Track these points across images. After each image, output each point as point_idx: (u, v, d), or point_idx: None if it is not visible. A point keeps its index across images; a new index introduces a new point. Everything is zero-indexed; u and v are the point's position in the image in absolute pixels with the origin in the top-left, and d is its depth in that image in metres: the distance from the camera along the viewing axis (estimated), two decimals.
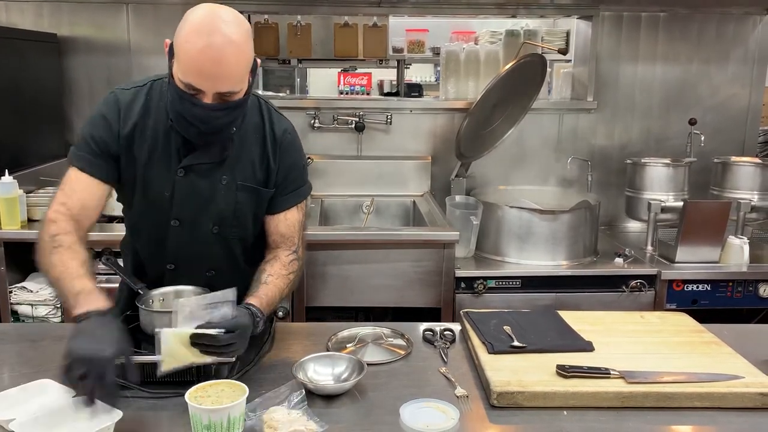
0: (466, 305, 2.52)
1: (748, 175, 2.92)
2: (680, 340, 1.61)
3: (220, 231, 1.59)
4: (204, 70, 1.33)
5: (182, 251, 1.60)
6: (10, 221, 2.51)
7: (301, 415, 1.25)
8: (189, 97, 1.37)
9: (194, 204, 1.55)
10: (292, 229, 1.63)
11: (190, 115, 1.39)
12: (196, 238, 1.58)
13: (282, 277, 1.56)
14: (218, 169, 1.54)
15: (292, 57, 3.62)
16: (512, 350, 1.51)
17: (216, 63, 1.32)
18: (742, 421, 1.31)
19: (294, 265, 1.60)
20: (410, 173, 3.28)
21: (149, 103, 1.53)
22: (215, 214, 1.57)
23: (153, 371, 1.38)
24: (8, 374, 1.47)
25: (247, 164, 1.56)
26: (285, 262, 1.59)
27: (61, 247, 1.42)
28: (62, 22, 3.15)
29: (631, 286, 2.61)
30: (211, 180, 1.54)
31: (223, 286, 1.42)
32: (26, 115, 2.89)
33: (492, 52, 3.33)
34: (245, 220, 1.60)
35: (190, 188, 1.53)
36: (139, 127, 1.51)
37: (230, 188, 1.55)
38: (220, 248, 1.62)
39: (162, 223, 1.57)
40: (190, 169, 1.52)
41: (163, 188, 1.53)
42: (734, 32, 3.25)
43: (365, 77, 3.65)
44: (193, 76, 1.34)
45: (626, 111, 3.30)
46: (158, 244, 1.60)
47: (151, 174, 1.53)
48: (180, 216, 1.56)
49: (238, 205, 1.57)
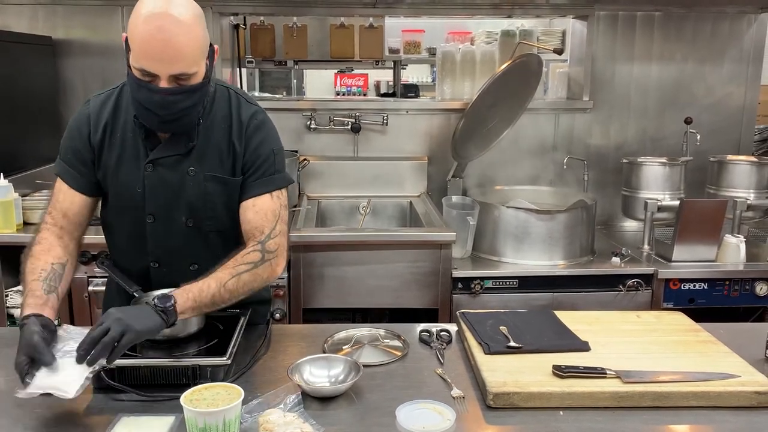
0: (464, 306, 2.52)
1: (744, 174, 2.93)
2: (676, 340, 1.61)
3: (194, 224, 1.58)
4: (155, 53, 1.36)
5: (161, 247, 1.60)
6: (6, 225, 2.50)
7: (297, 418, 1.25)
8: (145, 83, 1.39)
9: (164, 197, 1.55)
10: (262, 217, 1.55)
11: (148, 101, 1.41)
12: (172, 232, 1.58)
13: (227, 268, 1.47)
14: (185, 160, 1.54)
15: (288, 58, 3.62)
16: (508, 351, 1.51)
17: (166, 45, 1.35)
18: (738, 420, 1.31)
19: (253, 256, 1.49)
20: (407, 174, 3.28)
21: (119, 104, 1.56)
22: (186, 206, 1.56)
23: (148, 374, 1.38)
24: (4, 378, 1.47)
25: (214, 154, 1.55)
26: (241, 254, 1.50)
27: (29, 257, 1.50)
28: (57, 24, 3.15)
29: (628, 286, 2.61)
30: (179, 172, 1.54)
31: None
32: (21, 118, 2.88)
33: (488, 52, 3.33)
34: (217, 211, 1.58)
35: (159, 182, 1.54)
36: (109, 128, 1.55)
37: (198, 179, 1.55)
38: (198, 241, 1.60)
39: (138, 220, 1.58)
40: (157, 162, 1.53)
41: (135, 184, 1.55)
42: (729, 31, 3.25)
43: (362, 78, 3.64)
44: (146, 60, 1.37)
45: (622, 110, 3.31)
46: (138, 242, 1.60)
47: (122, 171, 1.55)
48: (153, 211, 1.56)
49: (208, 196, 1.56)
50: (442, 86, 3.35)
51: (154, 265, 1.62)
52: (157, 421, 1.27)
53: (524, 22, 3.55)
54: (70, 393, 1.22)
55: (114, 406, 1.33)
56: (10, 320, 2.56)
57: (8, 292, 2.55)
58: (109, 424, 1.25)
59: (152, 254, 1.61)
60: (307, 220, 2.80)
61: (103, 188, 1.60)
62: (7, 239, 2.51)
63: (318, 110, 3.26)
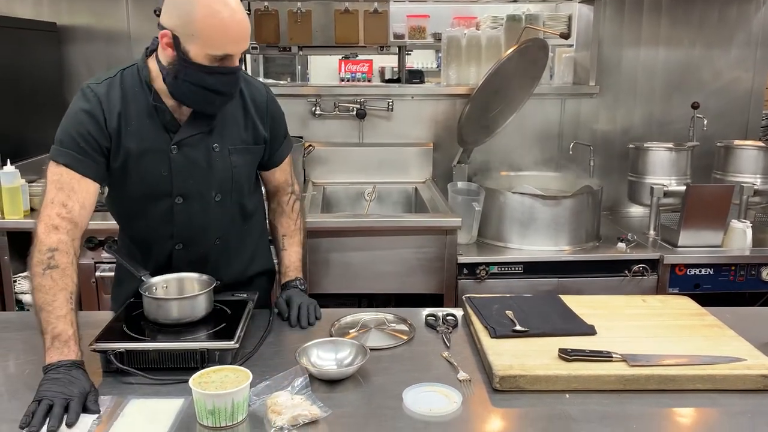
0: (469, 291, 2.52)
1: (750, 159, 2.91)
2: (682, 324, 1.61)
3: (222, 198, 1.65)
4: (235, 35, 1.43)
5: (189, 227, 1.64)
6: (13, 211, 2.52)
7: (305, 400, 1.26)
8: (217, 68, 1.45)
9: (193, 177, 1.59)
10: (285, 171, 1.83)
11: (222, 84, 1.48)
12: (201, 210, 1.63)
13: (294, 232, 1.84)
14: (207, 138, 1.59)
15: (292, 44, 3.59)
16: (514, 334, 1.52)
17: (239, 24, 1.43)
18: (744, 403, 1.31)
19: (297, 206, 1.86)
20: (412, 160, 3.27)
21: (125, 91, 1.54)
22: (216, 182, 1.63)
23: (157, 358, 1.39)
24: (14, 362, 1.49)
25: (233, 128, 1.63)
26: (289, 211, 1.84)
27: (56, 269, 1.38)
28: (62, 10, 3.14)
29: (633, 271, 2.61)
30: (203, 150, 1.59)
31: (228, 252, 1.72)
32: (27, 105, 2.89)
33: (493, 37, 3.31)
34: (242, 182, 1.69)
35: (186, 162, 1.57)
36: (123, 115, 1.53)
37: (223, 154, 1.61)
38: (223, 216, 1.68)
39: (164, 203, 1.60)
40: (182, 143, 1.56)
41: (160, 168, 1.56)
42: (737, 15, 3.22)
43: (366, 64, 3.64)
44: (229, 45, 1.43)
45: (629, 95, 3.29)
46: (163, 227, 1.63)
47: (145, 157, 1.55)
48: (183, 191, 1.60)
49: (235, 168, 1.64)
50: (448, 72, 3.34)
51: (178, 247, 1.66)
52: (166, 403, 1.28)
53: (530, 7, 3.52)
54: None
55: (123, 389, 1.34)
56: (19, 305, 2.57)
57: (16, 278, 2.56)
58: (119, 406, 1.27)
59: (178, 236, 1.65)
60: (312, 206, 2.80)
61: (115, 178, 1.58)
62: (14, 225, 2.52)
63: (323, 96, 3.26)
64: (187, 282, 1.60)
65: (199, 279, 1.60)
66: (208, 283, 1.57)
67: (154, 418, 1.23)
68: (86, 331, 1.48)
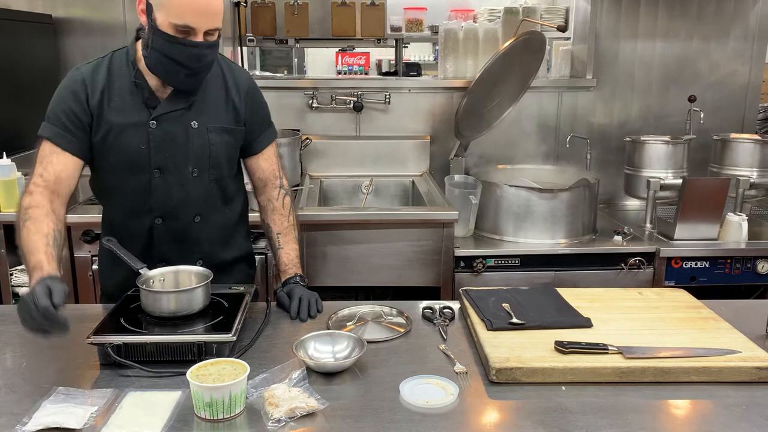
0: (466, 284, 2.53)
1: (747, 152, 2.92)
2: (678, 316, 1.62)
3: (199, 174, 1.70)
4: (198, 8, 1.49)
5: (167, 201, 1.69)
6: (9, 204, 2.51)
7: (302, 392, 1.26)
8: (180, 39, 1.51)
9: (170, 151, 1.66)
10: (271, 163, 1.84)
11: (182, 55, 1.53)
12: (178, 184, 1.69)
13: (288, 229, 1.85)
14: (186, 114, 1.65)
15: (289, 37, 3.59)
16: (511, 327, 1.52)
17: (206, 1, 1.49)
18: (738, 395, 1.32)
19: (287, 201, 1.86)
20: (409, 153, 3.27)
21: (112, 70, 1.64)
22: (192, 157, 1.68)
23: (154, 351, 1.39)
24: (10, 354, 1.49)
25: (213, 108, 1.69)
26: (279, 207, 1.85)
27: (29, 220, 1.51)
28: (57, 2, 3.12)
29: (629, 264, 2.62)
30: (182, 126, 1.65)
31: (208, 232, 1.75)
32: (22, 97, 2.87)
33: (491, 30, 3.30)
34: (220, 160, 1.72)
35: (164, 136, 1.64)
36: (106, 92, 1.62)
37: (201, 131, 1.67)
38: (202, 192, 1.72)
39: (143, 177, 1.67)
40: (161, 118, 1.63)
41: (139, 142, 1.63)
42: (734, 8, 3.22)
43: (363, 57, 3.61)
44: (189, 16, 1.49)
45: (625, 88, 3.29)
46: (142, 201, 1.69)
47: (125, 133, 1.63)
48: (160, 165, 1.66)
49: (212, 146, 1.69)
50: (445, 64, 3.33)
51: (158, 222, 1.71)
52: (163, 396, 1.28)
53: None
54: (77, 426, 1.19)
55: (121, 382, 1.34)
56: (15, 298, 2.57)
57: (12, 271, 2.56)
58: (117, 399, 1.27)
59: (157, 209, 1.70)
60: (309, 199, 2.80)
61: (97, 153, 1.65)
62: (10, 218, 2.49)
63: (320, 89, 3.25)
64: (184, 275, 1.61)
65: (197, 272, 1.60)
66: (205, 276, 1.57)
67: (152, 410, 1.24)
68: (84, 324, 1.48)
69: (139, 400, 1.28)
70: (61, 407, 1.22)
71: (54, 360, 1.44)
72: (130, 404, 1.26)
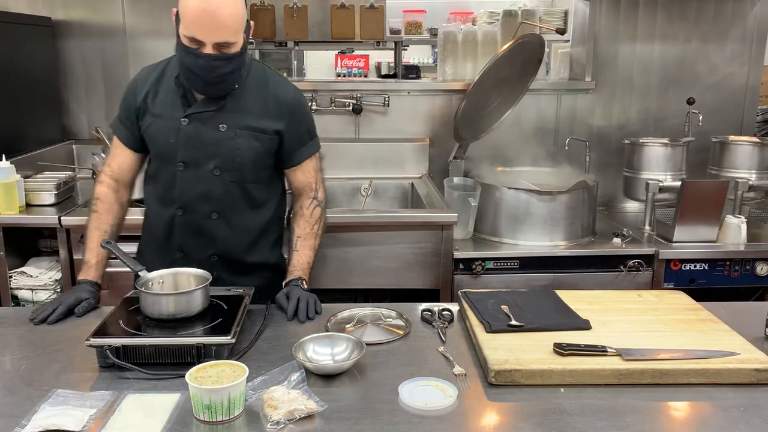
0: (465, 286, 2.53)
1: (745, 155, 2.92)
2: (677, 318, 1.62)
3: (221, 173, 1.78)
4: (204, 22, 1.57)
5: (187, 193, 1.80)
6: (9, 206, 2.51)
7: (301, 395, 1.26)
8: (192, 50, 1.61)
9: (196, 148, 1.76)
10: (309, 176, 1.91)
11: (195, 66, 1.63)
12: (199, 178, 1.78)
13: (309, 236, 1.89)
14: (217, 116, 1.75)
15: (288, 39, 3.59)
16: (510, 329, 1.52)
17: (213, 15, 1.56)
18: (737, 397, 1.32)
19: (317, 212, 1.92)
20: (408, 155, 3.28)
21: (167, 69, 1.80)
22: (216, 156, 1.77)
23: (153, 353, 1.39)
24: (9, 357, 1.48)
25: (246, 114, 1.77)
26: (308, 215, 1.90)
27: (94, 213, 1.83)
28: (56, 5, 3.13)
29: (628, 266, 2.62)
30: (211, 126, 1.75)
31: (226, 231, 1.82)
32: (22, 100, 2.88)
33: (490, 32, 3.31)
34: (244, 164, 1.79)
35: (193, 133, 1.76)
36: (152, 91, 1.79)
37: (229, 135, 1.76)
38: (221, 190, 1.80)
39: (171, 168, 1.80)
40: (193, 117, 1.75)
41: (170, 136, 1.77)
42: (733, 10, 3.23)
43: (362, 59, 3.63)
44: (195, 28, 1.58)
45: (624, 91, 3.29)
46: (169, 190, 1.82)
47: (161, 126, 1.78)
48: (185, 159, 1.77)
49: (237, 150, 1.77)
50: (444, 67, 3.33)
51: (179, 213, 1.82)
52: (162, 398, 1.28)
53: (526, 2, 3.54)
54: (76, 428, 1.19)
55: (120, 384, 1.34)
56: (15, 301, 2.57)
57: (12, 273, 2.56)
58: (116, 401, 1.27)
59: (179, 201, 1.81)
60: None
61: (145, 142, 1.83)
62: (9, 221, 2.51)
63: (319, 91, 3.25)
64: (183, 277, 1.61)
65: (195, 274, 1.60)
66: (204, 278, 1.57)
67: (151, 412, 1.24)
68: (84, 326, 1.48)
69: (138, 402, 1.28)
70: (60, 409, 1.22)
71: (53, 362, 1.44)
72: (129, 406, 1.26)
